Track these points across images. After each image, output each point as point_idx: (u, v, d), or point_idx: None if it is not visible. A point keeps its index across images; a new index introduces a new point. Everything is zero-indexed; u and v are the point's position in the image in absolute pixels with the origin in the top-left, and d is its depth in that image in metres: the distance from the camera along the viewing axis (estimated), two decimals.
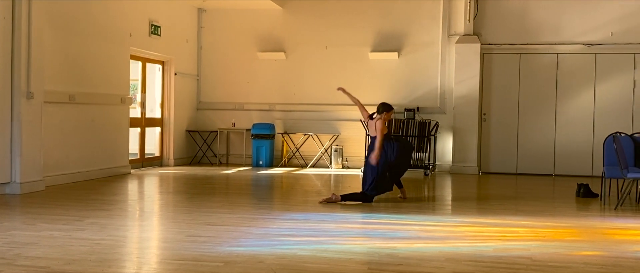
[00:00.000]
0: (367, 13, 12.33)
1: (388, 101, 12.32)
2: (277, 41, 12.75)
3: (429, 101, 12.12)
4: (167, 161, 11.99)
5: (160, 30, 11.35)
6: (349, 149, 12.29)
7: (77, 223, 5.69)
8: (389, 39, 12.29)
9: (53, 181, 8.46)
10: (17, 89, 7.65)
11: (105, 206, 6.78)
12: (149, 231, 5.56)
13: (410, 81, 12.23)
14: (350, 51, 12.44)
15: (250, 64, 12.77)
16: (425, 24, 12.16)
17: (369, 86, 12.32)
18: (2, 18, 7.45)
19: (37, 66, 7.85)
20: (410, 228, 5.81)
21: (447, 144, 12.02)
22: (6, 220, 5.84)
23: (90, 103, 9.40)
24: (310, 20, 12.57)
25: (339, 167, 12.13)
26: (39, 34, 7.88)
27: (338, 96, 12.34)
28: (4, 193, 7.56)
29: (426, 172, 11.19)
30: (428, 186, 9.84)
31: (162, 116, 11.96)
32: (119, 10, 10.09)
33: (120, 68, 10.20)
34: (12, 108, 7.64)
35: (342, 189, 9.18)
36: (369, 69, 12.37)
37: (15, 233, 5.18)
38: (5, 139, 7.55)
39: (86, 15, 9.27)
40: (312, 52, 12.59)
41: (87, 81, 9.33)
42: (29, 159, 7.78)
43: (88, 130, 9.35)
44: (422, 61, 12.20)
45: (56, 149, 8.61)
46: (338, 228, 5.78)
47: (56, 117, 8.61)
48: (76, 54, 9.07)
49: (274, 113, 12.69)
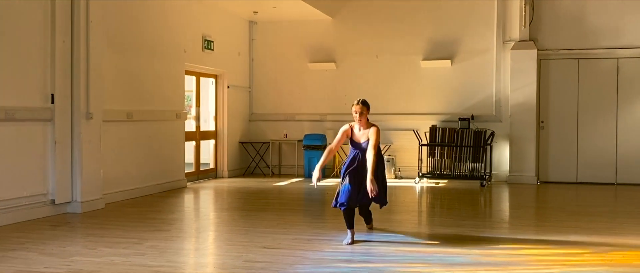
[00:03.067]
0: (418, 21, 12.18)
1: (442, 110, 12.24)
2: (327, 51, 12.73)
3: (484, 109, 11.88)
4: (221, 173, 12.11)
5: (213, 44, 11.48)
6: (402, 159, 12.15)
7: (137, 247, 5.77)
8: (441, 47, 12.11)
9: (112, 198, 8.63)
10: (77, 111, 7.83)
11: (164, 226, 6.87)
12: (206, 255, 5.59)
13: (464, 89, 12.01)
14: (402, 59, 12.31)
15: (301, 75, 12.79)
16: (479, 30, 11.93)
17: (421, 95, 12.18)
18: (61, 42, 7.64)
19: (96, 87, 8.03)
20: (470, 252, 5.66)
21: (503, 153, 11.75)
22: (69, 243, 5.98)
23: (147, 119, 9.56)
24: (361, 29, 12.49)
25: (392, 177, 12.00)
26: (97, 55, 8.06)
27: (390, 105, 12.32)
28: (66, 212, 7.76)
29: (482, 183, 10.96)
30: (484, 199, 9.63)
31: (216, 129, 12.09)
32: (173, 28, 10.24)
33: (176, 84, 10.35)
34: (72, 129, 7.83)
35: (395, 204, 9.06)
36: (421, 78, 12.21)
37: (78, 260, 5.29)
38: (66, 160, 7.74)
39: (142, 34, 9.44)
40: (362, 62, 12.52)
41: (143, 99, 9.49)
42: (89, 179, 7.95)
43: (145, 146, 9.52)
44: (476, 69, 11.97)
45: (115, 167, 8.78)
46: (396, 251, 5.69)
47: (115, 135, 8.79)
48: (133, 72, 9.24)
49: (325, 123, 12.67)
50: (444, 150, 11.48)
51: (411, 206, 9.03)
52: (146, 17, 9.55)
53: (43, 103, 7.48)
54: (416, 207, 9.03)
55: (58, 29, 7.57)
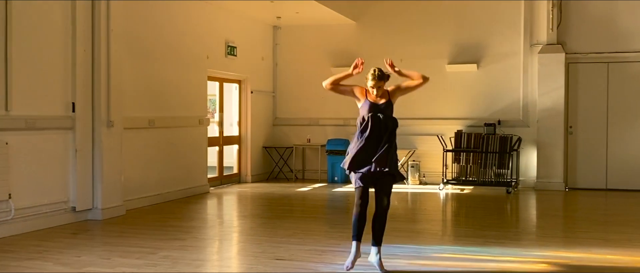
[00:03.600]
0: (443, 24, 12.02)
1: (467, 115, 12.04)
2: (351, 56, 12.58)
3: (511, 114, 11.66)
4: (244, 178, 12.13)
5: (236, 50, 11.50)
6: (427, 164, 12.00)
7: (150, 257, 5.79)
8: (467, 51, 11.93)
9: (134, 204, 8.70)
10: (97, 119, 7.90)
11: (181, 235, 6.88)
12: (217, 267, 5.56)
13: (490, 94, 11.81)
14: (427, 63, 12.13)
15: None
16: (505, 33, 11.71)
17: (447, 100, 12.02)
18: (82, 50, 7.72)
19: (116, 95, 8.09)
20: (487, 266, 5.54)
21: (531, 159, 11.51)
22: (85, 252, 6.02)
23: (169, 126, 9.62)
24: (385, 33, 12.38)
25: (416, 183, 11.87)
26: (118, 63, 8.12)
27: (414, 110, 12.16)
28: (87, 219, 7.84)
29: (508, 189, 10.75)
30: (510, 207, 9.45)
31: (240, 134, 12.11)
32: (196, 34, 10.29)
33: (198, 90, 10.40)
34: (93, 137, 7.91)
35: (417, 212, 8.95)
36: (446, 82, 12.05)
37: (90, 270, 5.32)
38: (87, 168, 7.82)
39: (163, 41, 9.49)
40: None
41: (165, 105, 9.55)
42: (110, 186, 8.02)
43: (167, 152, 9.57)
44: (503, 73, 11.76)
45: (136, 173, 8.85)
46: (410, 264, 5.60)
47: (136, 142, 8.85)
48: (155, 79, 9.30)
49: (349, 128, 12.58)
50: (470, 156, 11.31)
51: (432, 215, 8.90)
52: (168, 24, 9.61)
53: (64, 112, 7.57)
54: (437, 216, 8.89)
55: (79, 38, 7.65)
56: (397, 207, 9.31)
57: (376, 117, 5.37)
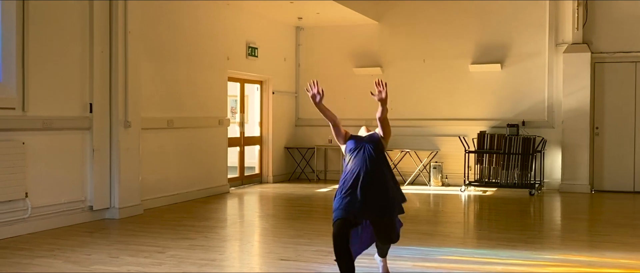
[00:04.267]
0: (466, 23, 11.88)
1: (491, 116, 11.87)
2: (373, 56, 12.60)
3: (535, 115, 11.45)
4: (266, 178, 12.19)
5: (257, 51, 11.56)
6: (449, 166, 11.87)
7: (158, 256, 5.86)
8: (490, 50, 11.76)
9: (153, 204, 8.82)
10: (115, 119, 8.04)
11: (192, 235, 6.95)
12: (221, 267, 5.58)
13: (514, 94, 11.62)
14: (450, 63, 12.04)
15: (346, 80, 12.70)
16: (530, 33, 11.51)
17: (470, 100, 11.87)
18: (99, 52, 7.86)
19: (133, 96, 8.22)
20: (489, 269, 5.45)
21: (556, 160, 11.29)
22: (96, 251, 6.13)
23: (189, 126, 9.72)
24: (407, 33, 12.30)
25: (439, 184, 11.76)
26: (135, 65, 8.25)
27: (437, 111, 12.07)
28: (104, 218, 7.98)
29: (531, 191, 10.56)
30: (531, 209, 9.29)
31: (261, 134, 12.17)
32: (216, 36, 10.37)
33: (218, 91, 10.49)
34: (111, 137, 8.04)
35: (434, 214, 8.85)
36: (469, 82, 11.90)
37: (96, 269, 5.41)
38: (104, 167, 7.96)
39: (183, 42, 9.60)
40: (409, 66, 12.32)
41: (184, 106, 9.65)
42: (127, 185, 8.15)
43: (186, 153, 9.67)
44: (527, 73, 11.56)
45: (155, 173, 8.97)
46: (413, 267, 5.55)
47: (154, 142, 8.97)
48: (174, 80, 9.41)
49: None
50: (493, 157, 11.15)
51: (447, 217, 8.80)
52: (188, 25, 9.71)
53: (82, 112, 7.72)
54: (451, 218, 8.78)
55: (96, 40, 7.79)
56: (413, 208, 9.24)
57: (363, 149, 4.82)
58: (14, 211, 6.81)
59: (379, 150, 4.81)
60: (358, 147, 4.82)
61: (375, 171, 4.68)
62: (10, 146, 6.75)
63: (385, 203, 4.67)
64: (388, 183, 4.73)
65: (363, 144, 4.83)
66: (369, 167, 4.67)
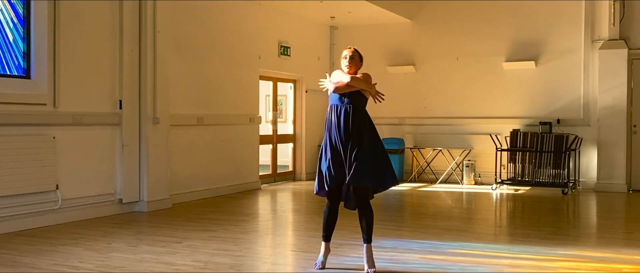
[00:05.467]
0: (500, 21, 11.75)
1: (525, 114, 11.71)
2: (406, 55, 12.60)
3: (570, 113, 11.24)
4: (299, 176, 12.34)
5: (289, 50, 11.73)
6: (483, 164, 11.76)
7: (174, 246, 6.07)
8: (524, 48, 11.60)
9: (182, 198, 9.08)
10: (144, 115, 8.33)
11: (212, 227, 7.15)
12: (232, 257, 5.70)
13: (549, 92, 11.43)
14: (483, 61, 11.93)
15: (379, 79, 12.45)
16: (565, 29, 11.31)
17: (504, 98, 11.75)
18: (129, 50, 8.16)
19: (162, 93, 8.49)
20: (500, 262, 5.43)
21: (591, 159, 11.05)
22: (117, 240, 6.39)
23: (219, 123, 9.95)
24: (441, 31, 12.25)
25: (471, 183, 11.67)
26: (164, 63, 8.53)
27: (471, 109, 11.97)
28: (134, 210, 8.27)
29: (564, 190, 10.37)
30: (561, 207, 9.13)
31: (294, 132, 12.34)
32: (247, 35, 10.59)
33: (250, 90, 10.70)
34: (140, 133, 8.33)
35: (458, 210, 8.81)
36: (503, 80, 11.77)
37: (113, 256, 5.65)
38: (134, 162, 8.26)
39: (214, 41, 9.84)
40: (442, 65, 12.27)
41: (215, 104, 9.90)
42: (156, 180, 8.43)
43: (217, 149, 9.91)
44: (562, 70, 11.36)
45: (185, 168, 9.23)
46: (419, 259, 5.58)
47: (184, 138, 9.24)
48: (204, 78, 9.66)
49: (404, 127, 12.55)
50: (526, 156, 11.00)
51: (471, 214, 8.74)
52: (220, 24, 9.95)
53: (111, 109, 8.03)
54: (476, 215, 8.71)
55: (126, 39, 8.10)
56: (438, 205, 9.23)
57: (343, 108, 4.98)
58: (45, 202, 7.15)
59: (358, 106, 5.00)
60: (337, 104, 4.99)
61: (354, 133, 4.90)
62: (42, 141, 7.10)
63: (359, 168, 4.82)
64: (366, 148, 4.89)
65: (343, 104, 4.98)
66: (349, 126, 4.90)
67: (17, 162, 6.81)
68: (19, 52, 7.09)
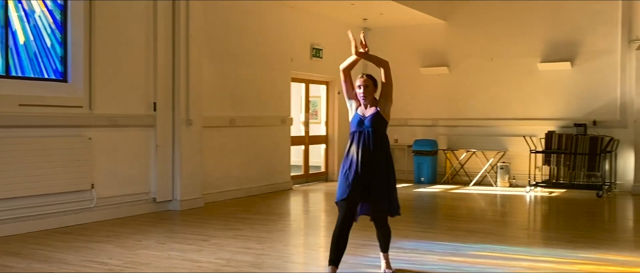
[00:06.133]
0: (535, 21, 11.64)
1: (560, 115, 11.56)
2: (440, 56, 12.58)
3: (607, 115, 11.05)
4: (331, 177, 12.46)
5: (322, 52, 11.86)
6: (518, 166, 11.65)
7: (200, 244, 6.26)
8: (560, 48, 11.46)
9: (214, 197, 9.31)
10: (177, 117, 8.57)
11: (240, 226, 7.33)
12: (254, 255, 5.86)
13: (585, 93, 11.27)
14: (518, 62, 11.84)
15: (413, 80, 12.76)
16: (601, 30, 11.13)
17: (539, 99, 11.64)
18: (163, 55, 8.42)
19: (195, 95, 8.73)
20: (519, 265, 5.44)
21: (629, 161, 10.84)
22: (147, 237, 6.62)
23: (251, 125, 10.15)
24: (475, 32, 12.20)
25: (506, 185, 11.58)
26: (197, 66, 8.76)
27: (505, 110, 11.89)
28: (167, 209, 8.53)
29: (599, 193, 10.22)
30: (594, 209, 9.01)
31: (327, 133, 12.46)
32: (279, 37, 10.77)
33: (281, 92, 10.87)
34: (174, 134, 8.59)
35: (488, 212, 8.78)
36: (538, 81, 11.66)
37: (141, 253, 5.88)
38: (167, 162, 8.51)
39: (246, 44, 10.04)
40: (476, 65, 12.22)
41: (247, 106, 10.10)
42: (189, 179, 8.67)
43: (248, 150, 10.11)
44: (599, 71, 11.19)
45: (217, 169, 9.46)
46: (439, 260, 5.63)
47: (217, 139, 9.46)
48: (236, 80, 9.87)
49: (438, 128, 12.54)
50: (561, 158, 10.87)
51: (500, 216, 8.71)
52: (251, 27, 10.15)
53: (146, 111, 8.30)
54: (505, 217, 8.67)
55: (159, 44, 8.35)
56: (468, 207, 9.22)
57: (364, 133, 4.82)
58: (81, 200, 7.45)
59: (378, 131, 4.83)
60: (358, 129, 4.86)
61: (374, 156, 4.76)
62: (78, 141, 7.40)
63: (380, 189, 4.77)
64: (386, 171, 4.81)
65: (363, 129, 4.85)
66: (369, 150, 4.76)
67: (55, 162, 7.12)
68: (56, 57, 7.41)
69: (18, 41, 7.03)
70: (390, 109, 4.93)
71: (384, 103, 4.91)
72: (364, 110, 4.92)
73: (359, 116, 4.91)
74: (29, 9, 7.14)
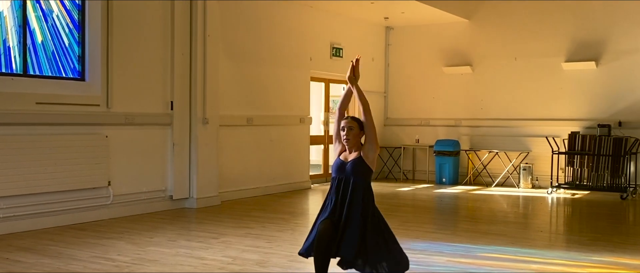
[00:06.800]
0: (560, 21, 11.43)
1: (585, 116, 11.34)
2: (463, 55, 12.45)
3: (633, 115, 10.81)
4: None
5: (342, 52, 11.84)
6: (541, 167, 11.46)
7: (210, 241, 6.30)
8: (585, 47, 11.24)
9: (231, 196, 9.36)
10: (194, 116, 8.65)
11: (252, 224, 7.35)
12: (261, 253, 5.88)
13: (610, 93, 11.04)
14: (542, 61, 11.64)
15: (436, 79, 12.65)
16: (627, 29, 10.89)
17: (563, 99, 11.43)
18: (180, 54, 8.50)
19: (212, 94, 8.79)
20: (528, 267, 5.35)
21: None
22: (159, 234, 6.69)
23: (269, 124, 10.18)
24: (498, 31, 12.04)
25: (529, 187, 11.40)
26: (214, 66, 8.82)
27: (529, 110, 11.71)
28: (183, 207, 8.61)
29: (623, 195, 9.99)
30: (615, 212, 8.81)
31: None
32: (298, 37, 10.78)
33: (300, 91, 10.88)
34: (191, 133, 8.66)
35: (505, 213, 8.66)
36: (562, 81, 11.45)
37: (150, 250, 5.94)
38: (184, 160, 8.59)
39: (265, 43, 10.07)
40: (500, 65, 12.05)
41: (265, 105, 10.13)
42: (205, 178, 8.73)
43: (267, 149, 10.14)
44: (625, 70, 10.95)
45: (235, 167, 9.51)
46: (447, 262, 5.57)
47: (234, 138, 9.51)
48: (254, 80, 9.91)
49: (460, 128, 12.40)
50: (584, 159, 10.66)
51: (517, 218, 8.57)
52: (270, 27, 10.18)
53: (163, 110, 8.39)
54: (522, 219, 8.53)
55: (177, 43, 8.43)
56: (485, 209, 9.10)
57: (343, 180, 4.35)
58: (98, 197, 7.56)
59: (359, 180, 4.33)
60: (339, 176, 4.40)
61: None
62: (95, 139, 7.51)
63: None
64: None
65: (344, 176, 4.37)
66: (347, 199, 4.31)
67: (72, 159, 7.24)
68: (74, 56, 7.54)
69: (36, 40, 7.17)
70: (375, 157, 4.41)
71: (368, 149, 4.38)
72: (348, 154, 4.43)
73: (340, 161, 4.42)
74: (47, 9, 7.27)
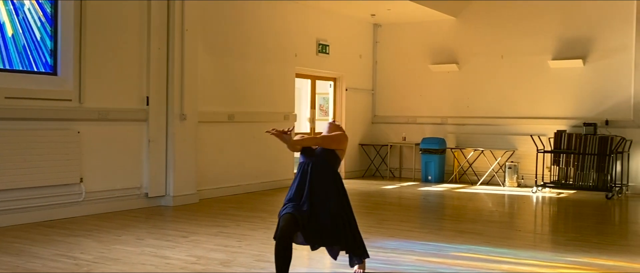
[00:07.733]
0: (547, 18, 11.30)
1: (572, 114, 11.21)
2: (449, 53, 12.32)
3: (620, 114, 10.69)
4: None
5: (328, 48, 11.70)
6: (527, 166, 11.34)
7: (178, 241, 6.17)
8: (572, 45, 11.12)
9: (211, 194, 9.23)
10: (171, 112, 8.51)
11: (226, 223, 7.22)
12: (228, 253, 5.75)
13: (597, 91, 10.91)
14: (529, 59, 11.52)
15: (422, 77, 12.53)
16: (615, 27, 10.76)
17: (550, 98, 11.31)
18: (156, 49, 8.36)
19: (190, 90, 8.65)
20: (499, 268, 5.23)
21: None
22: (128, 233, 6.55)
23: (252, 121, 10.04)
24: (485, 29, 11.92)
25: (514, 185, 11.28)
26: (192, 61, 8.68)
27: (515, 109, 11.58)
28: (159, 204, 8.47)
29: (608, 195, 9.87)
30: (603, 212, 8.68)
31: None
32: (283, 33, 10.64)
33: (284, 87, 10.74)
34: (167, 129, 8.52)
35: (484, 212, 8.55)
36: (549, 79, 11.32)
37: (115, 248, 5.80)
38: (160, 157, 8.45)
39: (247, 39, 9.93)
40: (486, 63, 11.92)
41: (248, 101, 9.99)
42: (182, 175, 8.59)
43: (249, 146, 10.00)
44: (612, 69, 10.82)
45: (215, 165, 9.37)
46: (416, 261, 5.44)
47: (215, 135, 9.38)
48: (236, 76, 9.77)
49: (447, 126, 12.27)
50: (570, 158, 10.54)
51: (497, 217, 8.43)
52: (253, 22, 10.04)
53: (138, 105, 8.25)
54: (503, 218, 8.39)
55: (153, 37, 8.29)
56: (465, 207, 8.98)
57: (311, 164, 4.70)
58: (69, 194, 7.43)
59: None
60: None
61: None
62: (66, 135, 7.37)
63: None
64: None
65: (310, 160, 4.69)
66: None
67: (42, 155, 7.11)
68: (46, 50, 7.40)
69: (6, 34, 7.03)
70: (342, 155, 4.87)
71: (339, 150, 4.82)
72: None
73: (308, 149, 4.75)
74: (18, 2, 7.13)
